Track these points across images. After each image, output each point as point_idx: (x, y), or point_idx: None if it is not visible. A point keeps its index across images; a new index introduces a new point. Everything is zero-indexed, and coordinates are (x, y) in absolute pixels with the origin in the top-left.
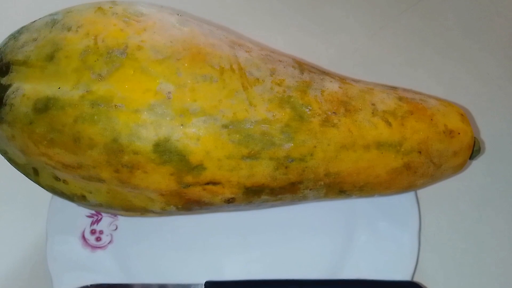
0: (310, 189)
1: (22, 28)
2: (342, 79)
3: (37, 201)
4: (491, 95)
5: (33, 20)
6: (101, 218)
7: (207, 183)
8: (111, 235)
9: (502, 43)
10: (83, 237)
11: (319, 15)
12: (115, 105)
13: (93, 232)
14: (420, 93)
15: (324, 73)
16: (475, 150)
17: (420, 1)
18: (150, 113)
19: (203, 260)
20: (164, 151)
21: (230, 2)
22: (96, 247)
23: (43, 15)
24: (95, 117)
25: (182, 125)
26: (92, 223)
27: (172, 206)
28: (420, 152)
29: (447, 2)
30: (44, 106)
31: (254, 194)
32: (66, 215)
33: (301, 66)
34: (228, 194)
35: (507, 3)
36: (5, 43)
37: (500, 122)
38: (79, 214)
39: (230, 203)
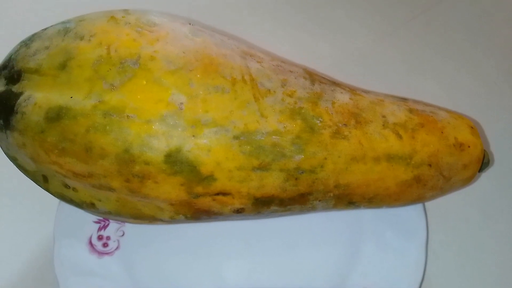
0: (320, 200)
1: (33, 35)
2: (352, 90)
3: (45, 205)
4: (500, 106)
5: (45, 28)
6: (108, 224)
7: (217, 194)
8: (118, 241)
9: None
10: (90, 242)
11: (326, 21)
12: (127, 116)
13: (100, 238)
14: (430, 105)
15: (335, 83)
16: (484, 162)
17: (429, 9)
18: (162, 124)
19: (209, 266)
20: (175, 162)
21: (239, 10)
22: (103, 253)
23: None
24: (107, 127)
25: (193, 136)
26: (99, 229)
27: (181, 215)
28: (430, 165)
29: (457, 11)
30: (56, 115)
31: (263, 205)
32: (73, 220)
33: (312, 76)
34: (237, 204)
35: None
36: (17, 50)
37: (509, 134)
38: (86, 220)
39: (239, 213)
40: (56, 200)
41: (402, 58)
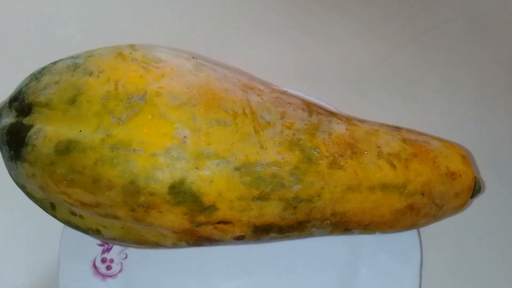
0: (317, 228)
1: (43, 69)
2: (348, 120)
3: (50, 228)
4: (491, 132)
5: (54, 61)
6: (111, 247)
7: (219, 222)
8: (121, 263)
9: (504, 80)
10: (94, 265)
11: (322, 47)
12: (134, 149)
13: (103, 260)
14: (423, 134)
15: (332, 114)
16: (475, 189)
17: (423, 33)
18: (167, 157)
19: None
20: (179, 193)
21: (240, 42)
22: (107, 275)
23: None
24: (115, 160)
25: (196, 168)
26: (103, 252)
27: (183, 242)
28: (423, 194)
29: (449, 37)
30: (65, 148)
31: (263, 232)
32: (78, 243)
33: (310, 107)
34: (238, 232)
35: None
36: (27, 83)
37: (499, 159)
38: (90, 242)
39: (239, 240)
40: (61, 223)
41: (394, 84)
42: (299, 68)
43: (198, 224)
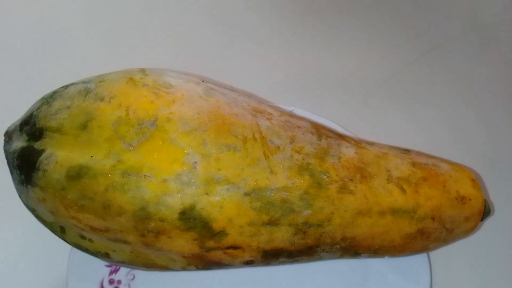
0: (326, 252)
1: (54, 93)
2: (357, 143)
3: (58, 249)
4: (500, 153)
5: (65, 85)
6: (119, 268)
7: (228, 248)
8: (129, 285)
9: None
10: (102, 286)
11: (331, 62)
12: (144, 175)
13: (111, 282)
14: (432, 157)
15: (341, 137)
16: (485, 212)
17: (430, 50)
18: (177, 183)
19: None
20: (189, 219)
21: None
22: None
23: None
24: (125, 186)
25: (206, 193)
26: (111, 273)
27: (192, 266)
28: (433, 219)
29: (458, 53)
30: (76, 174)
31: (272, 257)
32: (86, 264)
33: (319, 131)
34: (247, 257)
35: None
36: (38, 107)
37: (508, 180)
38: (98, 263)
39: (248, 264)
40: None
41: (401, 102)
42: (305, 85)
43: (208, 249)
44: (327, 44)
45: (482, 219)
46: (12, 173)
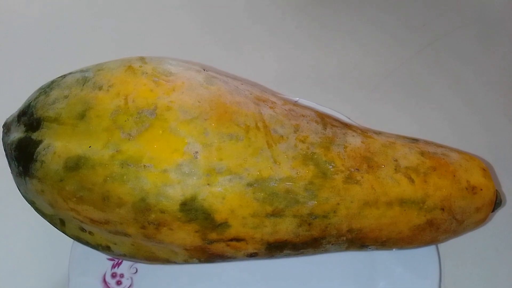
0: (332, 244)
1: (52, 82)
2: (364, 132)
3: (60, 243)
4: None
5: (63, 75)
6: (121, 262)
7: (231, 240)
8: (131, 278)
9: None
10: (104, 280)
11: (337, 53)
12: (144, 165)
13: (114, 275)
14: (441, 146)
15: (346, 126)
16: (497, 203)
17: (437, 40)
18: (178, 173)
19: None
20: (190, 210)
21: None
22: None
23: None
24: (125, 177)
25: (208, 184)
26: (113, 266)
27: (195, 258)
28: (443, 209)
29: (466, 42)
30: (75, 165)
31: (276, 249)
32: (88, 257)
33: (324, 120)
34: (251, 249)
35: None
36: (36, 98)
37: None
38: (100, 257)
39: (252, 256)
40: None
41: (408, 91)
42: (311, 76)
43: (210, 241)
44: (333, 35)
45: (493, 210)
46: (10, 165)
